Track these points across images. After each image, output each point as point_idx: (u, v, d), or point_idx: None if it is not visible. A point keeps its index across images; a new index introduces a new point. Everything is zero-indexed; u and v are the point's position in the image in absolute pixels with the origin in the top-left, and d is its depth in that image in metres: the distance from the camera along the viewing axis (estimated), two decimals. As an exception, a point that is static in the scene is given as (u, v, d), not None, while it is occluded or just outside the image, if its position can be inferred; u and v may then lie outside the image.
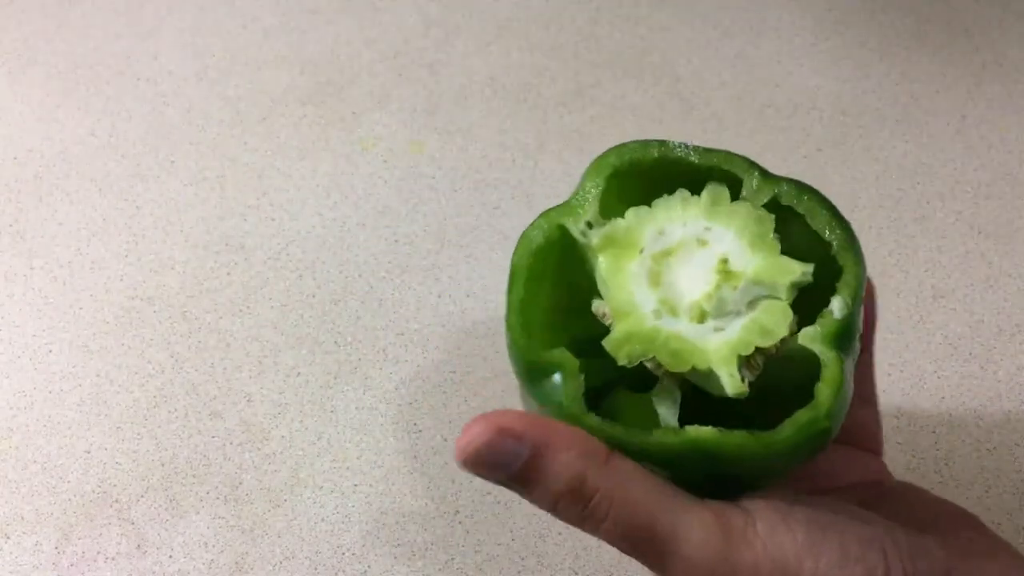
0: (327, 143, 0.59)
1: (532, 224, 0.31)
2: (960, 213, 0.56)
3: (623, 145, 0.31)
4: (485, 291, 0.53)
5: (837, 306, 0.29)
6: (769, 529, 0.27)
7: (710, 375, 0.28)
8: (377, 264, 0.54)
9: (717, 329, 0.29)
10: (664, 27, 0.66)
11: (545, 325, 0.31)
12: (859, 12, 0.67)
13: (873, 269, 0.53)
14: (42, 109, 0.61)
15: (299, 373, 0.50)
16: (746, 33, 0.65)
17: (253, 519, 0.45)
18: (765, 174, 0.30)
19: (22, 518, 0.45)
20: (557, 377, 0.29)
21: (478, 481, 0.46)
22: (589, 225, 0.31)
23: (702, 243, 0.29)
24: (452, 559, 0.44)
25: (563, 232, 0.31)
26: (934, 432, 0.48)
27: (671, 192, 0.30)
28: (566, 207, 0.31)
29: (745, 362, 0.28)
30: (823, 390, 0.28)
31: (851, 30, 0.65)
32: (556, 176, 0.58)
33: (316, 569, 0.44)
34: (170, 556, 0.44)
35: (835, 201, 0.27)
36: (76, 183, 0.58)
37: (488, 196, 0.57)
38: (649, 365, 0.29)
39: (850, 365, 0.29)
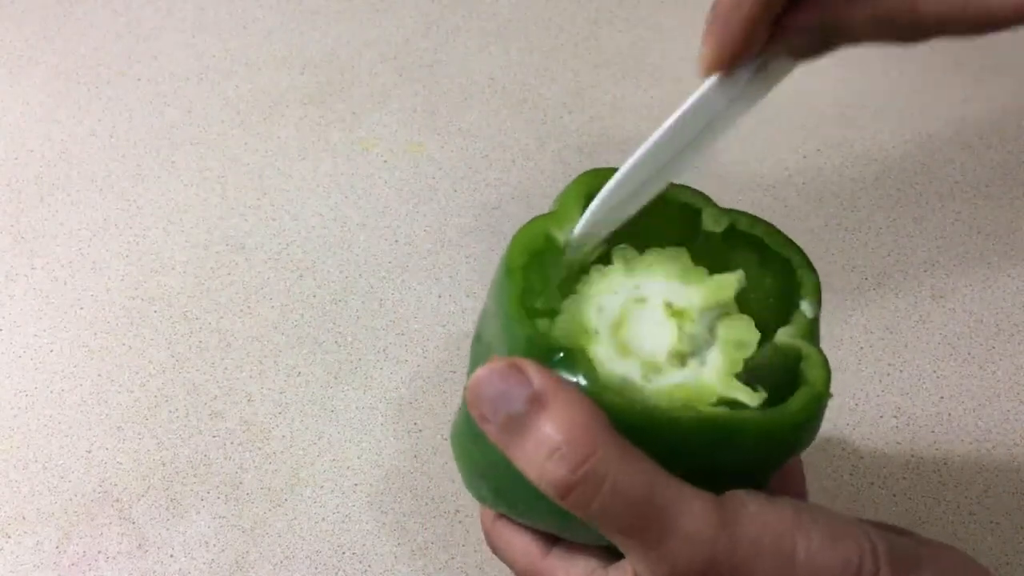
0: (327, 143, 0.60)
1: (523, 229, 0.32)
2: (959, 213, 0.56)
3: (599, 171, 0.33)
4: (485, 291, 0.53)
5: (807, 307, 0.31)
6: (759, 509, 0.27)
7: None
8: (377, 264, 0.54)
9: (700, 364, 0.30)
10: (664, 27, 0.66)
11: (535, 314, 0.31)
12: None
13: (872, 269, 0.53)
14: (42, 109, 0.61)
15: (300, 373, 0.50)
16: (746, 33, 0.65)
17: (254, 519, 0.45)
18: (719, 207, 0.33)
19: (23, 517, 0.45)
20: (560, 355, 0.28)
21: (478, 481, 0.46)
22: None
23: (640, 301, 0.31)
24: (452, 559, 0.44)
25: (547, 240, 0.32)
26: (933, 432, 0.48)
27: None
28: (552, 217, 0.32)
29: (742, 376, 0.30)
30: (812, 371, 0.29)
31: (851, 30, 0.65)
32: (556, 176, 0.58)
33: (316, 569, 0.44)
34: (171, 555, 0.44)
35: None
36: (77, 183, 0.58)
37: (488, 196, 0.57)
38: None
39: None
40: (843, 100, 0.62)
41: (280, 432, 0.48)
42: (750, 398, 0.29)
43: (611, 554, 0.31)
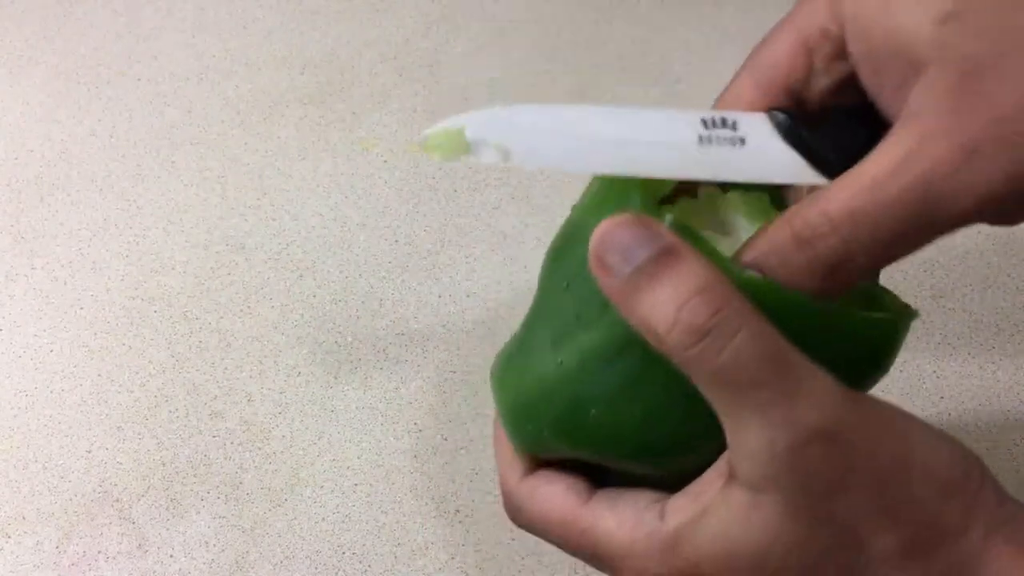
0: (327, 143, 0.60)
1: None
2: (959, 213, 0.56)
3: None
4: (485, 291, 0.53)
5: None
6: (873, 398, 0.28)
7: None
8: (377, 264, 0.54)
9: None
10: (664, 27, 0.66)
11: None
12: (859, 12, 0.67)
13: (873, 269, 0.54)
14: (42, 109, 0.61)
15: (299, 373, 0.50)
16: (746, 34, 0.65)
17: (254, 519, 0.45)
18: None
19: (23, 517, 0.45)
20: (668, 218, 0.28)
21: (478, 481, 0.46)
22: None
23: (726, 235, 0.32)
24: (452, 559, 0.44)
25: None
26: (933, 432, 0.48)
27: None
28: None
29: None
30: (894, 302, 0.33)
31: (851, 30, 0.65)
32: (556, 176, 0.58)
33: (316, 569, 0.44)
34: (171, 555, 0.44)
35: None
36: (77, 183, 0.58)
37: (488, 196, 0.57)
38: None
39: None
40: (843, 100, 0.62)
41: (280, 432, 0.48)
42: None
43: (663, 489, 0.30)
